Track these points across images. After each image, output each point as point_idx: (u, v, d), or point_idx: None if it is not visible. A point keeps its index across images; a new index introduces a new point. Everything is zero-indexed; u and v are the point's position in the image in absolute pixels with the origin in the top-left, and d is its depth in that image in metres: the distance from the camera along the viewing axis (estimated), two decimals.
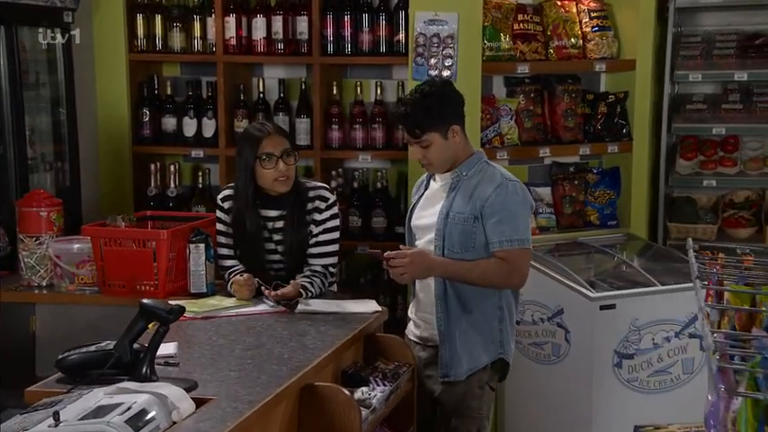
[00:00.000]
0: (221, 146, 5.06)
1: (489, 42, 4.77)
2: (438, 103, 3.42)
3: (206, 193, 5.16)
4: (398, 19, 4.84)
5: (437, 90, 3.47)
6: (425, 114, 3.41)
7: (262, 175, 3.76)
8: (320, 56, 4.91)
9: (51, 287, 3.98)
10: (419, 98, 3.43)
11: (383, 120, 4.92)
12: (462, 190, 3.47)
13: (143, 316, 2.80)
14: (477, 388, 3.52)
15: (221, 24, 4.98)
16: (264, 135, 3.76)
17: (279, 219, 3.84)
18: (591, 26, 5.04)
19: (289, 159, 3.77)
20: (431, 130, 3.42)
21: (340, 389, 2.95)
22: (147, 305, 2.79)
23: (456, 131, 3.45)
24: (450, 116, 3.44)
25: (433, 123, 3.41)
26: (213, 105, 5.08)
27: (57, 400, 2.63)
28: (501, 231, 3.40)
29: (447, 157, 3.48)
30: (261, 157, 3.74)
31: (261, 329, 3.38)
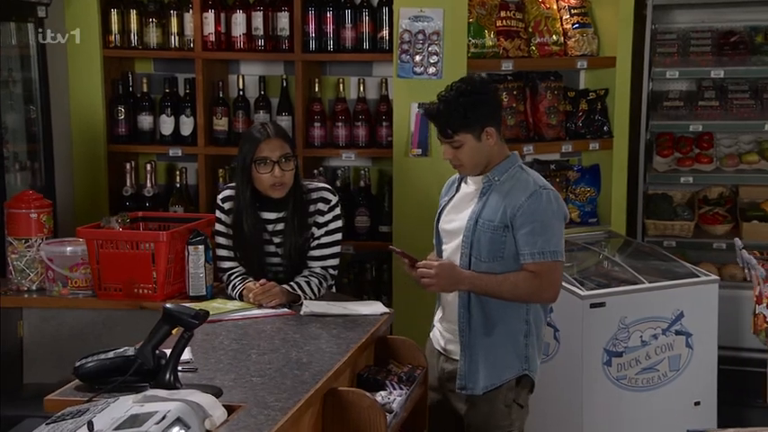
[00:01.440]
0: (200, 144, 4.96)
1: (474, 39, 4.75)
2: (473, 103, 3.26)
3: (183, 192, 5.05)
4: (382, 15, 4.79)
5: (474, 89, 3.29)
6: (459, 114, 3.25)
7: (258, 179, 3.68)
8: (302, 52, 4.83)
9: (42, 291, 3.85)
10: (454, 96, 3.27)
11: (366, 117, 4.87)
12: (493, 196, 3.32)
13: (167, 321, 2.71)
14: (503, 406, 3.36)
15: (199, 20, 4.88)
16: (263, 138, 3.67)
17: (279, 221, 3.76)
18: (571, 23, 5.05)
19: (286, 165, 3.68)
20: (463, 131, 3.27)
21: (364, 393, 2.90)
22: (172, 310, 2.71)
23: (490, 134, 3.29)
24: (485, 118, 3.28)
25: (467, 124, 3.26)
26: (191, 103, 4.98)
27: (82, 408, 2.53)
28: (533, 243, 3.24)
29: (479, 160, 3.33)
30: (257, 160, 3.66)
31: (272, 333, 3.31)
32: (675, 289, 4.58)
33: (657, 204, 5.38)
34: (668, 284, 4.56)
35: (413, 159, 4.70)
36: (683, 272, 4.71)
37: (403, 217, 4.75)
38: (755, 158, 5.34)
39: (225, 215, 3.81)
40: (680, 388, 4.53)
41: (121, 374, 2.72)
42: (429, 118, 3.42)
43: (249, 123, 4.96)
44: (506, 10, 4.93)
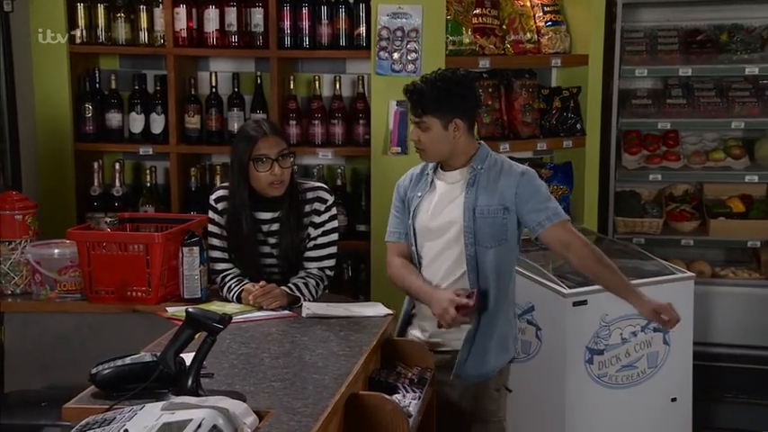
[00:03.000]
0: (172, 143, 4.84)
1: (452, 36, 4.72)
2: (449, 90, 3.32)
3: (154, 192, 4.93)
4: (359, 11, 4.73)
5: (454, 79, 3.36)
6: (432, 97, 3.31)
7: (255, 178, 3.60)
8: (277, 49, 4.75)
9: (27, 295, 3.72)
10: (433, 79, 3.34)
11: (343, 115, 4.81)
12: (482, 184, 3.39)
13: (190, 326, 2.63)
14: (493, 390, 3.46)
15: (171, 15, 4.77)
16: (260, 135, 3.59)
17: (274, 221, 3.68)
18: (545, 21, 5.05)
19: (284, 162, 3.61)
20: (432, 115, 3.33)
21: (386, 397, 2.85)
22: (195, 314, 2.62)
23: (458, 126, 3.34)
24: (457, 109, 3.34)
25: (436, 108, 3.31)
26: (162, 100, 4.86)
27: (108, 417, 2.44)
28: (544, 210, 3.37)
29: (442, 149, 3.38)
30: (255, 158, 3.58)
31: (279, 336, 3.24)
32: (653, 286, 4.61)
33: (626, 202, 5.42)
34: (646, 282, 4.60)
35: (391, 157, 4.66)
36: (658, 269, 4.76)
37: (381, 216, 4.66)
38: (722, 156, 5.42)
39: (218, 216, 3.72)
40: (657, 384, 4.57)
41: (140, 381, 2.63)
42: (406, 94, 3.44)
43: (222, 121, 4.87)
44: (482, 7, 4.92)
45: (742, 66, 5.33)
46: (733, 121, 5.33)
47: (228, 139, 4.86)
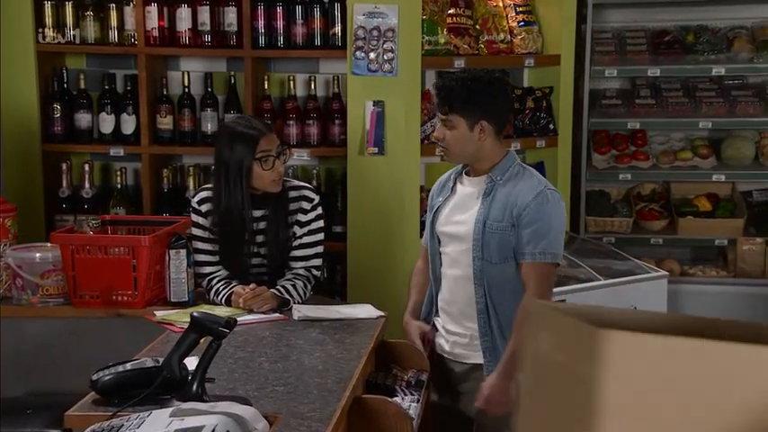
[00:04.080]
0: (144, 143, 4.76)
1: (428, 36, 4.71)
2: (480, 91, 3.24)
3: (125, 193, 4.84)
4: (334, 11, 4.69)
5: (486, 79, 3.29)
6: (462, 95, 3.23)
7: (259, 176, 3.55)
8: (251, 49, 4.70)
9: (7, 300, 3.62)
10: (464, 78, 3.28)
11: (318, 115, 4.77)
12: (498, 196, 3.27)
13: (195, 330, 2.58)
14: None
15: (142, 14, 4.69)
16: (261, 134, 3.55)
17: (261, 219, 3.64)
18: (517, 21, 5.06)
19: (282, 157, 3.60)
20: (458, 113, 3.25)
21: (389, 400, 2.83)
22: (200, 318, 2.58)
23: (484, 129, 3.25)
24: (485, 111, 3.25)
25: (464, 108, 3.23)
26: (133, 100, 4.78)
27: (115, 424, 2.38)
28: (535, 243, 3.20)
29: (466, 151, 3.29)
30: (260, 157, 3.53)
31: (273, 339, 3.20)
32: (627, 285, 4.66)
33: (596, 201, 5.46)
34: (621, 281, 4.64)
35: (367, 158, 4.63)
36: (631, 268, 4.80)
37: (357, 216, 4.67)
38: (689, 155, 5.48)
39: (202, 218, 3.66)
40: None
41: (141, 387, 2.58)
42: (436, 89, 3.37)
43: (195, 122, 4.80)
44: (456, 7, 4.91)
45: (709, 66, 5.40)
46: (700, 121, 5.39)
47: (202, 140, 4.81)
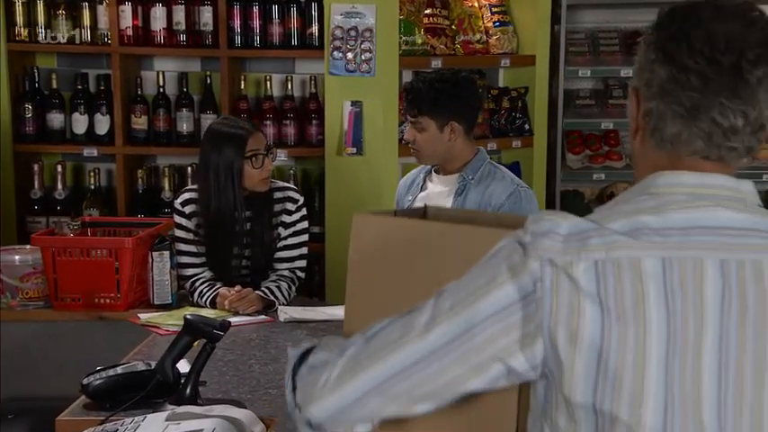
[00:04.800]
0: (118, 144, 4.70)
1: (405, 36, 4.70)
2: (448, 93, 3.27)
3: (98, 194, 4.78)
4: (311, 11, 4.67)
5: (453, 80, 3.32)
6: (429, 98, 3.27)
7: (249, 176, 3.53)
8: (227, 48, 4.66)
9: None
10: (432, 80, 3.30)
11: (295, 115, 4.74)
12: (471, 195, 3.32)
13: (188, 333, 2.55)
14: None
15: (116, 13, 4.63)
16: (249, 133, 3.53)
17: (246, 220, 3.61)
18: (492, 21, 5.07)
19: (271, 156, 3.60)
20: (427, 116, 3.29)
21: None
22: (193, 321, 2.54)
23: (454, 130, 3.30)
24: (453, 112, 3.29)
25: (432, 109, 3.27)
26: (107, 100, 4.72)
27: (109, 429, 2.34)
28: None
29: (437, 151, 3.34)
30: (250, 156, 3.51)
31: (261, 341, 3.17)
32: None
33: (571, 201, 5.47)
34: None
35: (345, 158, 4.61)
36: None
37: (335, 217, 4.65)
38: None
39: (186, 220, 3.62)
40: None
41: (133, 391, 2.55)
42: (405, 92, 3.37)
43: (171, 122, 4.75)
44: (432, 7, 4.90)
45: None
46: None
47: (177, 140, 4.76)
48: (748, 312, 1.31)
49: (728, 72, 1.36)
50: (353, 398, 1.42)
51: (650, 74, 1.43)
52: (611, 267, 1.31)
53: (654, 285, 1.30)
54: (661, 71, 1.41)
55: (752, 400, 1.31)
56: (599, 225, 1.35)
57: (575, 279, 1.31)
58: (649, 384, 1.30)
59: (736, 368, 1.31)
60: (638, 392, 1.30)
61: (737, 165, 1.42)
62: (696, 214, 1.36)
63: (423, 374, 1.38)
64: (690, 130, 1.39)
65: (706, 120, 1.38)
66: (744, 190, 1.41)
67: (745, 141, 1.39)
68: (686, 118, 1.39)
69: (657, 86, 1.41)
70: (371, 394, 1.41)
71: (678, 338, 1.30)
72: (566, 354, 1.32)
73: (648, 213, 1.36)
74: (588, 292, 1.30)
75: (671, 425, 1.30)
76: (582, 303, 1.31)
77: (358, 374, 1.41)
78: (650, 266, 1.31)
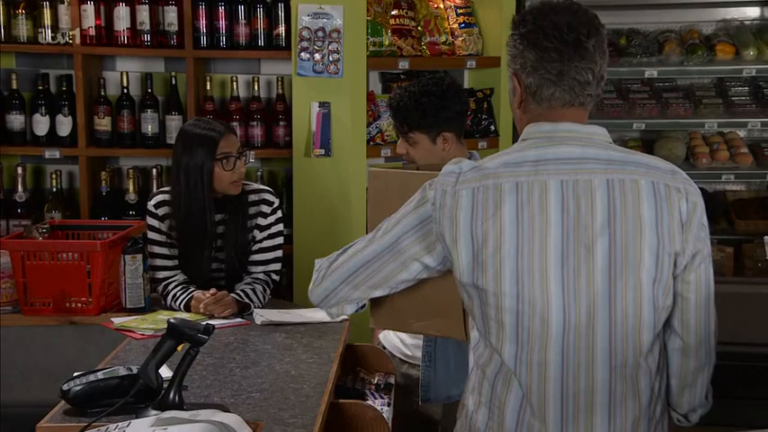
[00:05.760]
0: (81, 145, 4.62)
1: (372, 37, 4.68)
2: (435, 105, 3.19)
3: (60, 197, 4.69)
4: (277, 11, 4.63)
5: (437, 92, 3.22)
6: (418, 113, 3.19)
7: (219, 178, 3.49)
8: (193, 49, 4.60)
9: None
10: (418, 94, 3.20)
11: (262, 117, 4.70)
12: None
13: (172, 337, 2.50)
14: None
15: (78, 13, 4.55)
16: (221, 135, 3.49)
17: (220, 223, 3.56)
18: (458, 23, 5.06)
19: (243, 159, 3.54)
20: (419, 131, 3.22)
21: (366, 405, 2.79)
22: (177, 325, 2.49)
23: (447, 139, 3.22)
24: (444, 122, 3.21)
25: (423, 125, 3.19)
26: (69, 101, 4.64)
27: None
28: None
29: (429, 158, 3.26)
30: (221, 158, 3.46)
31: (239, 345, 3.13)
32: None
33: None
34: None
35: (313, 160, 4.58)
36: None
37: (303, 218, 4.62)
38: None
39: (159, 222, 3.57)
40: None
41: (114, 396, 2.50)
42: (390, 109, 3.31)
43: (135, 123, 4.68)
44: (399, 8, 4.89)
45: (641, 69, 5.48)
46: (634, 122, 5.47)
47: (141, 142, 4.70)
48: (581, 214, 1.94)
49: (573, 45, 1.99)
50: (332, 287, 2.19)
51: (522, 59, 2.02)
52: (481, 190, 1.96)
53: (509, 199, 1.94)
54: (530, 55, 2.01)
55: (585, 270, 1.93)
56: (480, 165, 2.01)
57: (457, 200, 1.97)
58: (505, 265, 1.93)
59: (575, 251, 1.93)
60: (497, 271, 1.94)
61: (590, 108, 2.05)
62: (545, 150, 1.98)
63: (369, 270, 2.12)
64: (559, 89, 2.00)
65: (568, 79, 2.00)
66: (588, 131, 2.03)
67: (594, 89, 2.03)
68: (555, 82, 2.00)
69: (530, 66, 2.01)
70: (342, 284, 2.17)
71: (526, 233, 1.93)
72: (453, 251, 1.99)
73: (512, 153, 2.01)
74: (464, 208, 1.96)
75: (521, 290, 1.93)
76: (458, 215, 1.97)
77: (335, 272, 2.17)
78: (507, 187, 1.95)
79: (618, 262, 1.93)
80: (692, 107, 5.59)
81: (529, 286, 1.93)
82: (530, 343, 1.95)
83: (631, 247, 1.94)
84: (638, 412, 2.00)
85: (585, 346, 1.95)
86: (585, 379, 1.96)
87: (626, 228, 1.94)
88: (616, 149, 2.03)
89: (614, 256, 1.93)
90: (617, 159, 1.99)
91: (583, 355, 1.95)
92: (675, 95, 5.67)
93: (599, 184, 1.95)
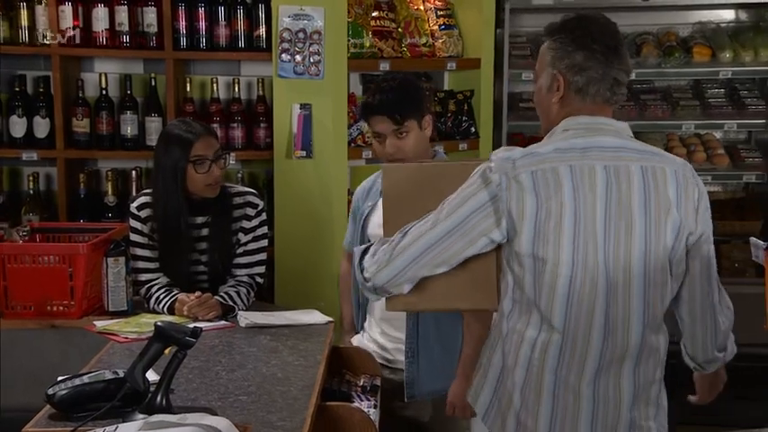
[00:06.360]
0: (59, 147, 4.58)
1: (353, 39, 4.67)
2: (414, 90, 3.31)
3: (38, 199, 4.64)
4: (258, 12, 4.61)
5: (409, 80, 3.36)
6: (410, 100, 3.27)
7: (192, 180, 3.46)
8: (173, 50, 4.58)
9: None
10: (397, 85, 3.28)
11: (243, 118, 4.67)
12: None
13: (159, 340, 2.48)
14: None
15: (55, 13, 4.51)
16: (196, 137, 3.46)
17: (203, 226, 3.54)
18: (438, 24, 5.06)
19: (220, 162, 3.50)
20: (411, 117, 3.25)
21: (354, 407, 2.79)
22: (165, 328, 2.47)
23: (428, 121, 3.31)
24: (424, 106, 3.31)
25: (413, 110, 3.25)
26: (47, 103, 4.60)
27: None
28: None
29: (420, 150, 3.28)
30: (194, 160, 3.44)
31: (224, 347, 3.11)
32: None
33: None
34: None
35: (294, 161, 4.56)
36: None
37: (285, 220, 4.60)
38: None
39: (141, 224, 3.54)
40: None
41: (100, 400, 2.47)
42: (379, 107, 3.29)
43: (114, 125, 4.64)
44: (379, 10, 4.88)
45: None
46: None
47: (120, 144, 4.66)
48: (621, 194, 2.29)
49: (614, 50, 2.35)
50: (401, 267, 2.36)
51: (570, 59, 2.35)
52: (540, 173, 2.27)
53: (566, 180, 2.26)
54: (577, 56, 2.34)
55: (624, 242, 2.28)
56: (532, 151, 2.32)
57: (520, 183, 2.26)
58: (564, 237, 2.25)
59: (616, 225, 2.28)
60: (558, 242, 2.25)
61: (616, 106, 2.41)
62: (588, 139, 2.32)
63: (438, 249, 2.33)
64: (603, 87, 2.35)
65: (609, 79, 2.35)
66: (618, 126, 2.38)
67: (624, 90, 2.40)
68: (599, 80, 2.34)
69: (578, 65, 2.34)
70: (411, 264, 2.35)
71: (581, 209, 2.26)
72: (518, 225, 2.27)
73: (560, 141, 2.33)
74: (528, 189, 2.26)
75: (576, 258, 2.26)
76: (525, 195, 2.26)
77: (401, 254, 2.35)
78: (563, 170, 2.27)
79: (651, 235, 2.29)
80: (670, 109, 5.62)
81: (582, 255, 2.26)
82: (579, 304, 2.28)
83: (662, 224, 2.30)
84: (655, 369, 2.40)
85: (623, 307, 2.30)
86: (622, 335, 2.31)
87: (658, 207, 2.30)
88: (638, 142, 2.39)
89: (648, 230, 2.29)
90: (646, 150, 2.36)
91: (620, 314, 2.30)
92: (653, 97, 5.69)
93: (635, 171, 2.30)
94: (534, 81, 2.52)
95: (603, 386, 2.34)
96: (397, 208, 2.44)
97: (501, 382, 2.41)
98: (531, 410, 2.37)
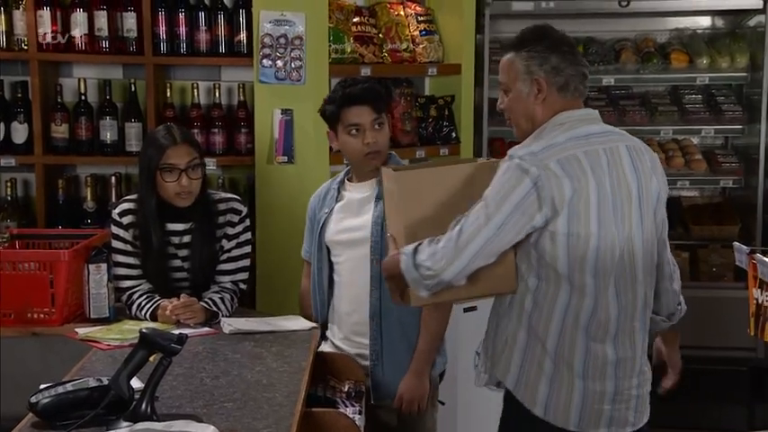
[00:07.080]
0: (37, 153, 4.54)
1: (334, 45, 4.66)
2: (386, 86, 3.55)
3: (15, 205, 4.61)
4: (239, 18, 4.59)
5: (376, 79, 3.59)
6: (384, 92, 3.45)
7: (163, 187, 3.44)
8: (152, 55, 4.55)
9: None
10: (372, 82, 3.45)
11: (223, 124, 4.65)
12: None
13: (144, 347, 2.46)
14: (430, 405, 3.41)
15: (33, 18, 4.48)
16: (170, 144, 3.43)
17: (186, 233, 3.52)
18: (419, 30, 5.07)
19: (194, 173, 3.46)
20: (385, 111, 3.42)
21: (340, 413, 2.78)
22: (149, 335, 2.46)
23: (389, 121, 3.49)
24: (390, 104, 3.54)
25: (387, 103, 3.46)
26: (25, 108, 4.56)
27: None
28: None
29: (388, 145, 3.44)
30: (163, 167, 3.41)
31: (208, 354, 3.09)
32: None
33: None
34: None
35: (276, 167, 4.55)
36: None
37: (267, 226, 4.58)
38: None
39: (123, 230, 3.51)
40: None
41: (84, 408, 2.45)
42: (363, 95, 3.35)
43: (93, 130, 4.61)
44: (360, 16, 4.88)
45: (599, 77, 5.53)
46: None
47: (99, 149, 4.63)
48: (619, 172, 2.61)
49: (575, 51, 2.73)
50: (466, 261, 2.55)
51: (548, 63, 2.65)
52: (565, 160, 2.54)
53: (587, 163, 2.56)
54: (553, 59, 2.66)
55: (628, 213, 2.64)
56: (550, 144, 2.57)
57: (552, 170, 2.52)
58: (591, 213, 2.56)
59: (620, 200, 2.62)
60: (587, 218, 2.56)
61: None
62: (584, 128, 2.63)
63: (497, 240, 2.55)
64: (581, 83, 2.69)
65: (580, 75, 2.69)
66: (595, 114, 2.73)
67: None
68: (576, 77, 2.67)
69: (556, 67, 2.65)
70: (475, 257, 2.55)
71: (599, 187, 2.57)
72: (559, 208, 2.53)
73: (565, 132, 2.61)
74: (561, 175, 2.53)
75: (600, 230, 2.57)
76: (561, 181, 2.53)
77: (465, 249, 2.54)
78: (581, 155, 2.57)
79: (643, 204, 2.66)
80: (648, 114, 5.65)
81: (605, 227, 2.58)
82: (604, 272, 2.58)
83: (650, 192, 2.68)
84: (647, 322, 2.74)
85: (630, 270, 2.63)
86: (633, 295, 2.65)
87: (645, 178, 2.66)
88: (612, 126, 2.75)
89: (642, 200, 2.65)
90: (621, 132, 2.75)
91: (629, 276, 2.63)
92: (632, 103, 5.73)
93: (624, 151, 2.65)
94: (504, 92, 2.77)
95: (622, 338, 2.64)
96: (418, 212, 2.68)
97: (528, 354, 2.65)
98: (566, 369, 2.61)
